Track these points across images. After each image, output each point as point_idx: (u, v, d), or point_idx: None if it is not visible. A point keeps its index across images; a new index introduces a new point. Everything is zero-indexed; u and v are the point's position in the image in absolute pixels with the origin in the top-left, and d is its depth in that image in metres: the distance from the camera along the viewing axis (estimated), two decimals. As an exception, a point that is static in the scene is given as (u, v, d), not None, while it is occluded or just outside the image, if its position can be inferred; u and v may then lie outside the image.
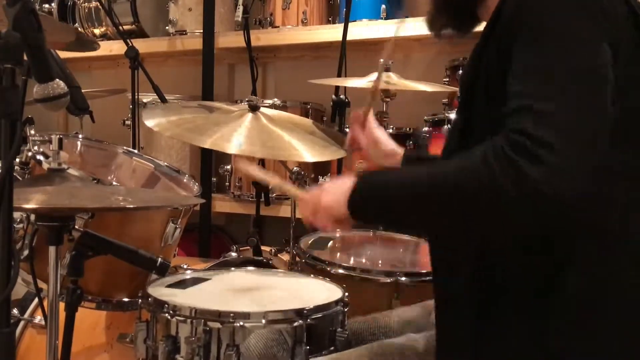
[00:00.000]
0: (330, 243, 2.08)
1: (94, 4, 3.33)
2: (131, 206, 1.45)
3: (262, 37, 2.88)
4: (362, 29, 2.65)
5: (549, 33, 1.00)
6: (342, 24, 2.42)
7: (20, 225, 1.55)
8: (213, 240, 3.03)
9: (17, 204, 1.11)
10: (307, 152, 1.69)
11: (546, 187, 0.92)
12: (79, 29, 3.42)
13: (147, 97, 2.82)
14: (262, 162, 2.41)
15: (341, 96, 2.29)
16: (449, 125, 2.38)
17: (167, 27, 3.12)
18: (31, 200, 1.25)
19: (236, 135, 1.63)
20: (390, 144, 1.59)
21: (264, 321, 1.29)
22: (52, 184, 1.45)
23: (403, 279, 1.71)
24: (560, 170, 0.93)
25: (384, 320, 1.50)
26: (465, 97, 1.17)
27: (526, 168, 0.93)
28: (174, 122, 1.66)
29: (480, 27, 1.21)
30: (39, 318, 1.85)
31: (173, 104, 2.68)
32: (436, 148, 2.45)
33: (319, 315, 1.34)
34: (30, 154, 1.64)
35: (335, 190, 1.18)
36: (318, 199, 1.21)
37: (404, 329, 1.46)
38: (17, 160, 1.62)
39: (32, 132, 1.68)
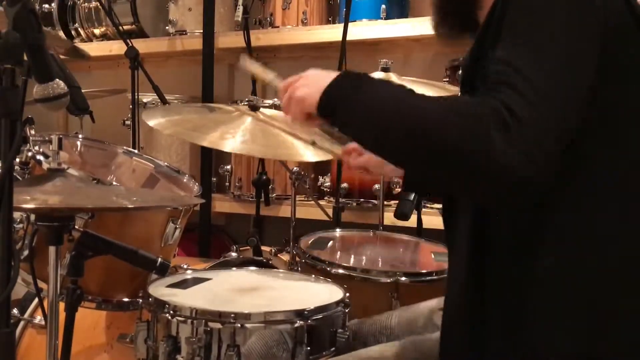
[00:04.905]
0: (330, 243, 2.08)
1: (94, 4, 3.33)
2: (131, 206, 1.45)
3: (262, 37, 2.88)
4: (362, 29, 2.65)
5: (534, 21, 1.00)
6: (342, 24, 2.42)
7: (20, 225, 1.55)
8: (213, 240, 3.03)
9: (17, 204, 1.10)
10: (307, 152, 1.69)
11: (504, 159, 0.92)
12: (79, 29, 3.42)
13: (147, 97, 2.82)
14: (262, 162, 2.41)
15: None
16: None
17: (167, 27, 3.12)
18: (31, 200, 1.25)
19: (235, 135, 1.64)
20: None
21: (264, 322, 1.29)
22: (52, 184, 1.45)
23: (403, 279, 1.71)
24: (526, 152, 0.92)
25: (385, 321, 1.50)
26: (465, 83, 1.16)
27: (499, 139, 0.93)
28: (173, 121, 1.66)
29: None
30: (39, 318, 1.85)
31: (173, 104, 2.69)
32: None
33: (320, 316, 1.34)
34: (30, 154, 1.63)
35: (313, 82, 1.14)
36: (294, 88, 1.17)
37: (404, 330, 1.46)
38: (17, 160, 1.62)
39: (32, 132, 1.68)
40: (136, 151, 2.29)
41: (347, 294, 1.44)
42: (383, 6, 2.66)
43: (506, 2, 1.03)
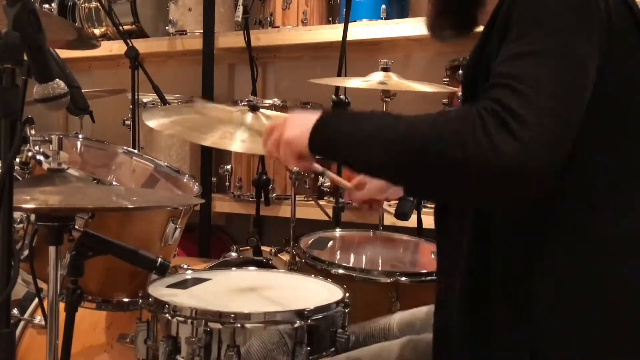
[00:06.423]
0: (330, 243, 2.08)
1: (94, 4, 3.33)
2: (131, 206, 1.45)
3: (262, 37, 2.87)
4: (362, 29, 2.65)
5: (539, 25, 1.01)
6: (342, 24, 2.42)
7: (20, 225, 1.54)
8: (213, 240, 3.03)
9: (17, 204, 1.10)
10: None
11: (514, 162, 0.93)
12: (79, 28, 3.42)
13: (147, 97, 2.81)
14: (262, 162, 2.41)
15: (341, 96, 2.29)
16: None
17: (167, 27, 3.12)
18: (31, 200, 1.25)
19: (237, 134, 1.64)
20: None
21: (264, 322, 1.29)
22: (52, 184, 1.45)
23: (403, 279, 1.71)
24: (530, 148, 0.93)
25: (384, 324, 1.50)
26: (467, 92, 1.17)
27: (497, 139, 0.93)
28: (174, 122, 1.66)
29: (480, 28, 1.22)
30: (39, 318, 1.85)
31: (172, 104, 2.69)
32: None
33: (320, 316, 1.34)
34: (30, 154, 1.64)
35: (299, 124, 1.16)
36: (280, 132, 1.20)
37: (404, 332, 1.46)
38: (17, 160, 1.62)
39: (32, 132, 1.68)
40: (136, 151, 2.29)
41: (347, 294, 1.44)
42: (383, 6, 2.66)
43: (512, 5, 1.04)
